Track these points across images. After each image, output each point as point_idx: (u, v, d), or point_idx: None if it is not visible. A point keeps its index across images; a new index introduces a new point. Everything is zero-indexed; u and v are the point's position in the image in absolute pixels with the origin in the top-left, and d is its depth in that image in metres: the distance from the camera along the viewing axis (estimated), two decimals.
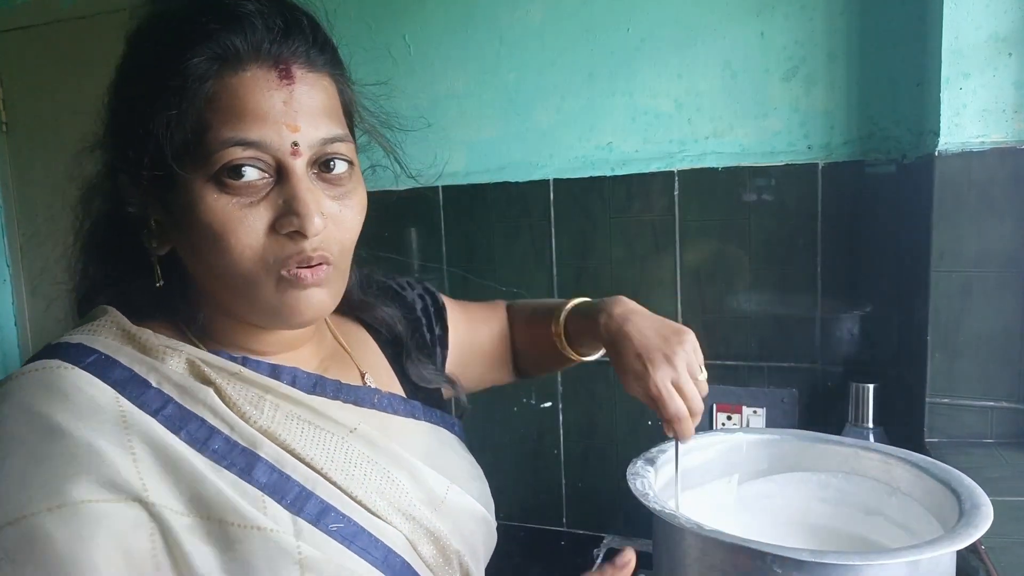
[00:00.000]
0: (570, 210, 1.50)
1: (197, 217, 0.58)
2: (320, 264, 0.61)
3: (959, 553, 0.62)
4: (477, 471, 0.81)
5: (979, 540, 0.66)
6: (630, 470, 0.74)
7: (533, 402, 1.58)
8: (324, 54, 0.63)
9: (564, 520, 1.58)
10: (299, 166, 0.59)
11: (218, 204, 0.58)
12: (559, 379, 1.55)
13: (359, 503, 0.64)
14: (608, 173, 1.46)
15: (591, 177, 1.47)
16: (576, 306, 0.88)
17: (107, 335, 0.62)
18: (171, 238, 0.63)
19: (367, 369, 0.77)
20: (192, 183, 0.58)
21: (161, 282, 0.64)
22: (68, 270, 0.69)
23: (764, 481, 0.83)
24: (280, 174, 0.59)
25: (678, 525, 0.64)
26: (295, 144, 0.59)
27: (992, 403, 1.09)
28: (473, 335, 0.94)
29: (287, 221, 0.58)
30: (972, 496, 0.66)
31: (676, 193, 1.41)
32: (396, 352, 0.82)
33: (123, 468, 0.54)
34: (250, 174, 0.58)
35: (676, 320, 1.41)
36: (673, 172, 1.41)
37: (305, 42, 0.61)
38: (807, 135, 1.32)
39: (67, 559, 0.50)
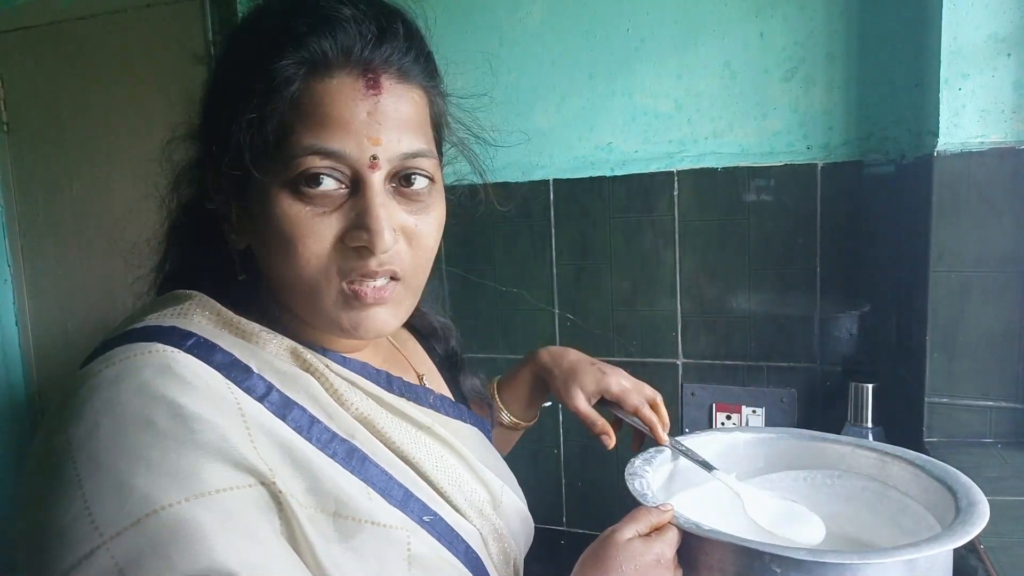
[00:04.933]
0: (570, 210, 1.50)
1: (270, 220, 0.58)
2: (390, 281, 0.60)
3: (957, 552, 0.62)
4: (511, 473, 0.82)
5: (978, 539, 0.66)
6: (628, 470, 0.75)
7: None
8: (418, 64, 0.61)
9: (564, 520, 1.58)
10: (376, 179, 0.58)
11: (291, 210, 0.57)
12: None
13: (444, 498, 0.64)
14: (608, 173, 1.46)
15: (591, 177, 1.47)
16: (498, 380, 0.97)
17: (200, 318, 0.59)
18: (248, 235, 0.63)
19: (424, 372, 0.79)
20: (268, 186, 0.58)
21: (243, 276, 0.63)
22: (151, 253, 0.69)
23: (762, 480, 0.83)
24: (356, 186, 0.58)
25: (676, 525, 0.64)
26: (374, 157, 0.57)
27: (991, 403, 1.09)
28: None
29: (356, 235, 0.57)
30: (968, 494, 0.66)
31: (676, 193, 1.41)
32: (445, 362, 0.84)
33: (249, 454, 0.52)
34: (327, 184, 0.57)
35: (676, 320, 1.42)
36: (673, 172, 1.41)
37: (398, 51, 0.60)
38: (806, 135, 1.32)
39: (216, 546, 0.48)
